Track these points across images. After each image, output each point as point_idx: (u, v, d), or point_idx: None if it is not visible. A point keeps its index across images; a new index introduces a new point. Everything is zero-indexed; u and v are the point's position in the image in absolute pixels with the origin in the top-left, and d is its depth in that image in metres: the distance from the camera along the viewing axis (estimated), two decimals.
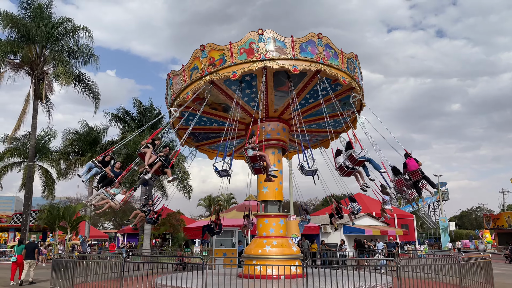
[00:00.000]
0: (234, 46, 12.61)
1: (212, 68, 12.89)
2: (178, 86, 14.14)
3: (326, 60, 12.65)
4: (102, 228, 72.23)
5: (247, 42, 12.53)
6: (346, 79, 13.09)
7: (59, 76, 24.06)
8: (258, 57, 12.34)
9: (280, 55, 12.35)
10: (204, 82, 13.13)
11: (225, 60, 12.71)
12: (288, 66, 12.27)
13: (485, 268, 11.70)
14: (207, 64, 13.02)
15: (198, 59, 13.32)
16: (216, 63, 12.87)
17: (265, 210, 15.09)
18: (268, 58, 12.29)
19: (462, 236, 59.25)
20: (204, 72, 13.09)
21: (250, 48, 12.46)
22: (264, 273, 11.44)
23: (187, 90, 13.69)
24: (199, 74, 13.24)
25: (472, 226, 72.50)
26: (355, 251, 21.04)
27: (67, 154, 32.97)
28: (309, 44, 12.56)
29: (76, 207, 29.00)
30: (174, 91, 14.47)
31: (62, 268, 12.28)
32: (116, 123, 31.69)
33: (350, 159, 12.07)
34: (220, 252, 20.04)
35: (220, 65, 12.78)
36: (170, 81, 14.79)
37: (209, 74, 12.99)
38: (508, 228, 37.85)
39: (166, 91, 15.46)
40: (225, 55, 12.72)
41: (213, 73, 12.89)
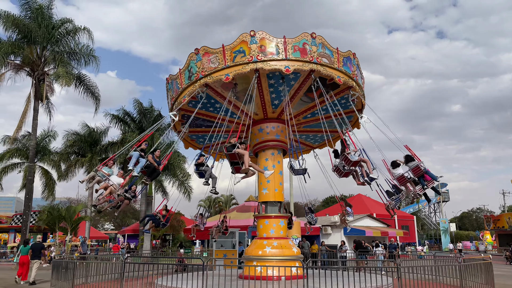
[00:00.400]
0: (227, 49, 12.67)
1: (205, 71, 12.98)
2: (176, 90, 14.26)
3: (320, 59, 12.58)
4: (103, 229, 72.21)
5: (240, 44, 12.54)
6: (342, 78, 13.00)
7: (60, 77, 24.05)
8: (250, 59, 12.35)
9: (272, 56, 12.34)
10: (199, 85, 13.18)
11: (218, 62, 12.80)
12: (280, 67, 12.23)
13: (485, 269, 11.68)
14: (201, 68, 13.12)
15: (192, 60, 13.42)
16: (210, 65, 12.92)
17: (265, 211, 15.06)
18: (260, 59, 12.27)
19: (463, 237, 59.18)
20: (198, 76, 13.19)
21: (243, 51, 12.47)
22: (264, 274, 11.43)
23: (184, 93, 13.80)
24: (194, 77, 13.35)
25: (473, 227, 72.43)
26: (355, 252, 21.02)
27: (67, 155, 32.96)
28: (301, 44, 12.50)
29: (77, 207, 28.98)
30: (172, 95, 14.61)
31: (62, 269, 12.27)
32: (117, 124, 31.72)
33: (345, 161, 12.05)
34: (221, 253, 20.03)
35: (214, 68, 12.84)
36: (169, 85, 14.95)
37: (203, 77, 13.07)
38: (509, 229, 37.82)
39: (166, 95, 15.51)
40: (219, 58, 12.79)
41: (207, 76, 12.98)
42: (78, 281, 11.74)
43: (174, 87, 14.41)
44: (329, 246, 23.81)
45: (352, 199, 46.64)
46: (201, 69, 13.11)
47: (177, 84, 14.15)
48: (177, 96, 14.19)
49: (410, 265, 11.24)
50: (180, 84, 13.96)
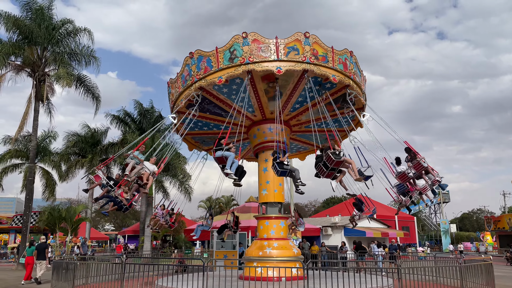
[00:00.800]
0: (220, 51, 12.69)
1: (201, 75, 13.03)
2: (175, 93, 14.41)
3: (313, 59, 12.45)
4: (103, 229, 72.22)
5: (232, 46, 12.55)
6: (337, 77, 12.83)
7: (61, 78, 24.04)
8: (242, 61, 12.34)
9: (264, 57, 12.31)
10: (194, 89, 13.26)
11: (212, 65, 12.83)
12: (272, 68, 12.19)
13: (486, 270, 11.67)
14: (196, 71, 13.18)
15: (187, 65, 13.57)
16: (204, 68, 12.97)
17: (266, 212, 15.07)
18: (252, 61, 12.25)
19: (463, 238, 59.14)
20: (194, 79, 13.26)
21: (234, 52, 12.48)
22: (264, 275, 11.41)
23: (181, 97, 13.94)
24: (189, 81, 13.44)
25: (473, 228, 72.40)
26: (355, 253, 21.03)
27: (68, 156, 33.00)
28: (294, 44, 12.40)
29: (77, 208, 29.00)
30: (172, 99, 14.73)
31: (62, 269, 12.28)
32: (117, 124, 31.78)
33: (328, 160, 11.70)
34: (221, 254, 20.01)
35: (207, 71, 12.90)
36: (169, 89, 15.05)
37: (198, 80, 13.14)
38: (509, 230, 37.80)
39: (168, 99, 15.60)
40: (211, 61, 12.83)
41: (202, 79, 13.04)
42: (78, 281, 11.74)
43: (173, 91, 14.55)
44: (329, 247, 23.82)
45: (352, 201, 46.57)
46: (195, 73, 13.23)
47: (176, 88, 14.30)
48: (175, 99, 14.34)
49: (410, 266, 11.23)
50: (178, 87, 14.11)
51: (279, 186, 15.11)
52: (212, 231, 21.75)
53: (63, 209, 27.69)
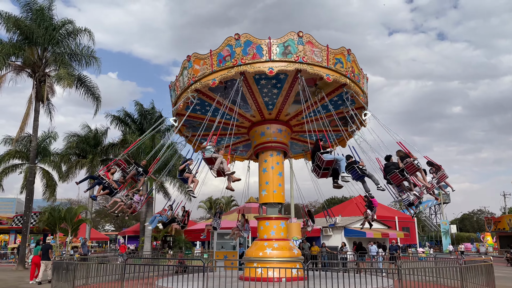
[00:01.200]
0: (214, 54, 12.79)
1: (195, 77, 13.20)
2: (174, 96, 14.58)
3: (306, 58, 12.30)
4: (103, 230, 72.21)
5: (225, 48, 12.58)
6: (332, 76, 12.64)
7: (61, 78, 24.09)
8: (235, 63, 12.35)
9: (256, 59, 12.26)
10: (190, 91, 13.41)
11: (206, 68, 12.92)
12: (264, 68, 12.15)
13: (486, 271, 11.65)
14: (192, 74, 13.33)
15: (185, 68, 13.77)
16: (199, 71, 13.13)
17: (266, 212, 15.06)
18: (244, 63, 12.24)
19: (463, 239, 59.12)
20: (190, 82, 13.43)
21: (228, 54, 12.51)
22: (265, 276, 11.39)
23: (180, 99, 14.05)
24: (186, 83, 13.62)
25: (473, 229, 72.35)
26: (355, 254, 21.03)
27: (68, 156, 33.01)
28: (287, 44, 12.30)
29: (77, 209, 29.00)
30: (172, 101, 14.88)
31: (63, 270, 12.28)
32: (117, 125, 31.78)
33: (318, 160, 11.66)
34: (221, 255, 20.02)
35: (201, 73, 13.05)
36: (170, 91, 15.22)
37: (194, 83, 13.29)
38: (510, 231, 37.78)
39: (170, 101, 15.69)
40: (207, 63, 12.93)
41: (197, 82, 13.18)
42: (78, 282, 11.74)
43: (173, 93, 14.73)
44: (329, 247, 23.80)
45: (352, 201, 46.52)
46: (191, 75, 13.41)
47: (175, 90, 14.49)
48: (175, 102, 14.49)
49: (411, 267, 11.22)
50: (177, 90, 14.27)
51: (278, 187, 15.09)
52: (213, 232, 21.77)
53: (63, 210, 27.67)
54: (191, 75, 13.41)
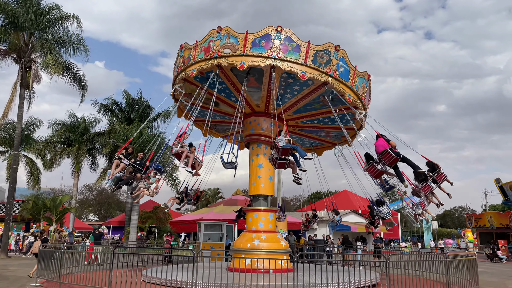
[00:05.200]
0: (198, 45, 12.91)
1: (182, 66, 13.44)
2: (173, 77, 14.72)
3: (280, 54, 12.01)
4: (86, 220, 71.42)
5: (207, 40, 12.63)
6: (308, 74, 12.19)
7: (48, 65, 23.64)
8: (212, 55, 12.38)
9: (231, 52, 12.18)
10: (179, 80, 13.67)
11: (190, 58, 13.10)
12: (236, 63, 12.06)
13: (470, 265, 11.89)
14: (180, 63, 13.60)
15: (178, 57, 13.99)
16: (185, 61, 13.37)
17: (255, 204, 15.10)
18: (219, 55, 12.22)
19: (445, 235, 60.16)
20: (178, 71, 13.76)
21: (208, 46, 12.57)
22: (253, 267, 11.42)
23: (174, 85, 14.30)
24: (176, 72, 14.07)
25: (455, 225, 73.69)
26: (341, 247, 21.27)
27: (53, 144, 32.48)
28: (263, 38, 12.08)
29: (62, 198, 28.59)
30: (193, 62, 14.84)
31: (48, 259, 12.13)
32: (105, 113, 31.37)
33: (274, 148, 11.34)
34: (208, 246, 20.02)
35: (187, 63, 13.25)
36: None
37: (180, 72, 13.56)
38: (490, 228, 38.55)
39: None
40: (191, 54, 13.09)
41: (182, 71, 13.42)
42: (65, 271, 11.61)
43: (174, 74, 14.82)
44: (315, 240, 24.03)
45: (338, 195, 46.92)
46: (180, 64, 13.72)
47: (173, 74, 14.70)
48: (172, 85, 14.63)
49: (399, 260, 11.38)
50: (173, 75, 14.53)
51: (268, 180, 15.11)
52: (200, 223, 21.77)
53: (47, 199, 27.25)
54: (180, 64, 13.68)
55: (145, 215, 33.43)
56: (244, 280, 9.45)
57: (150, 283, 10.64)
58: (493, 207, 61.39)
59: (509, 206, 35.67)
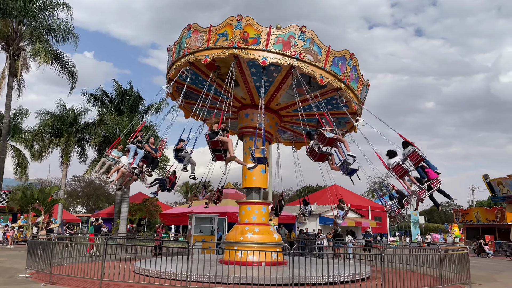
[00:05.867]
0: (213, 30, 12.44)
1: (191, 49, 12.84)
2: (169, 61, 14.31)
3: (303, 55, 12.01)
4: (74, 212, 70.80)
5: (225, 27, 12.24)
6: (326, 79, 12.23)
7: (37, 54, 23.19)
8: (231, 44, 12.06)
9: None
10: (184, 62, 13.13)
11: (203, 42, 12.60)
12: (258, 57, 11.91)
13: (462, 259, 11.99)
14: (188, 44, 12.97)
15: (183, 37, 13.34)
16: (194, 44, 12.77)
17: (248, 197, 15.05)
18: (239, 46, 11.94)
19: (431, 230, 60.91)
20: (184, 52, 13.11)
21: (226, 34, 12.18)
22: (245, 260, 11.38)
23: (173, 67, 13.82)
24: (181, 53, 13.31)
25: (441, 220, 74.57)
26: (333, 240, 21.39)
27: (41, 135, 31.98)
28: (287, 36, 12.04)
29: (51, 189, 28.21)
30: (168, 66, 14.61)
31: (38, 250, 11.93)
32: (95, 104, 30.95)
33: (319, 138, 10.89)
34: (199, 238, 19.92)
35: (198, 47, 12.70)
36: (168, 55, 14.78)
37: (188, 54, 12.95)
38: (477, 223, 39.03)
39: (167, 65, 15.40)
40: (204, 38, 12.57)
41: (191, 54, 12.85)
42: (55, 262, 11.44)
43: (169, 59, 14.43)
44: (307, 234, 24.12)
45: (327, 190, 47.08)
46: (188, 46, 13.00)
47: (170, 57, 14.18)
48: (168, 69, 14.26)
49: (393, 253, 11.45)
50: (172, 56, 13.97)
51: (261, 172, 15.05)
52: (191, 215, 21.66)
53: (36, 189, 26.86)
54: (187, 46, 13.02)
55: (135, 207, 33.23)
56: (239, 272, 9.40)
57: (144, 275, 10.53)
58: (479, 203, 62.30)
59: (496, 202, 36.12)
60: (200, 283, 9.57)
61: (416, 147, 11.49)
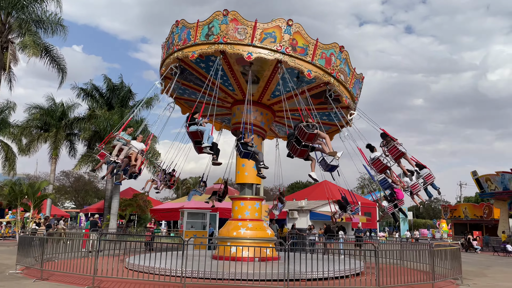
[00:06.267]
0: (200, 25, 12.34)
1: (180, 46, 12.79)
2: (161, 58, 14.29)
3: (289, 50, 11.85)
4: (63, 207, 70.10)
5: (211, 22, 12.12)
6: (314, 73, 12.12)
7: (27, 47, 22.76)
8: (217, 39, 11.94)
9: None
10: (173, 59, 13.09)
11: (190, 38, 12.52)
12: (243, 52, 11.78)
13: (454, 255, 12.11)
14: (177, 41, 12.95)
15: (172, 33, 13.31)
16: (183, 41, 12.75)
17: (241, 193, 15.02)
18: (225, 41, 11.80)
19: (420, 225, 61.52)
20: (174, 49, 13.07)
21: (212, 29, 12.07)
22: (239, 255, 11.38)
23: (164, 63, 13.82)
24: (171, 50, 13.28)
25: (429, 216, 75.38)
26: (324, 236, 21.50)
27: (29, 129, 31.48)
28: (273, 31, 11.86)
29: (41, 184, 27.80)
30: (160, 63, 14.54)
31: (29, 246, 11.77)
32: (84, 98, 30.50)
33: (299, 134, 10.64)
34: (191, 234, 19.86)
35: (185, 43, 12.67)
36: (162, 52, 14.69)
37: (177, 51, 12.91)
38: (464, 219, 39.60)
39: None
40: (191, 34, 12.50)
41: (179, 50, 12.81)
42: (46, 257, 11.29)
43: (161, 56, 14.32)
44: (299, 229, 24.19)
45: (318, 186, 47.24)
46: (176, 42, 12.93)
47: (162, 53, 14.14)
48: (160, 64, 14.20)
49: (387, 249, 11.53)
50: (163, 53, 13.95)
51: (252, 167, 14.95)
52: (183, 211, 21.60)
53: (25, 184, 26.47)
54: (176, 42, 12.97)
55: (125, 202, 32.96)
56: (234, 268, 9.37)
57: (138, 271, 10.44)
58: (466, 199, 63.08)
59: (484, 198, 36.63)
60: (195, 279, 9.52)
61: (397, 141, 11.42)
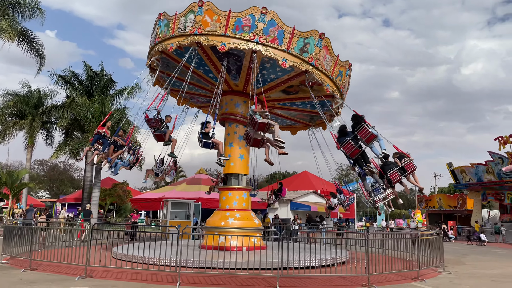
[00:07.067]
0: (177, 17, 12.37)
1: (160, 38, 12.93)
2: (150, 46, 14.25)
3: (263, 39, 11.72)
4: (37, 196, 68.54)
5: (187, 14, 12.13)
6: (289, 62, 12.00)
7: (3, 30, 22.04)
8: (192, 31, 11.93)
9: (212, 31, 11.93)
10: (155, 51, 13.20)
11: (169, 31, 12.61)
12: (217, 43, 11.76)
13: (437, 244, 12.55)
14: (158, 33, 13.06)
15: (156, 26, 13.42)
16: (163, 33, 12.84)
17: (229, 183, 15.07)
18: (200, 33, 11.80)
19: (395, 215, 63.07)
20: (155, 41, 13.20)
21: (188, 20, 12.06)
22: (227, 245, 11.45)
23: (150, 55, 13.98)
24: (153, 42, 13.51)
25: (404, 206, 77.28)
26: (307, 226, 21.84)
27: (4, 116, 30.52)
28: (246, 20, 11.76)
29: (20, 173, 27.13)
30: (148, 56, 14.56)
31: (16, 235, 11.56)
32: (63, 86, 29.73)
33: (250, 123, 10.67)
34: (175, 224, 19.78)
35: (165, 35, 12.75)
36: None
37: (158, 43, 13.03)
38: (439, 209, 40.82)
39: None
40: (170, 27, 12.58)
41: (160, 43, 12.92)
42: (35, 247, 11.14)
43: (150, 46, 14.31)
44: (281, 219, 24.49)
45: (298, 176, 47.84)
46: (158, 35, 13.05)
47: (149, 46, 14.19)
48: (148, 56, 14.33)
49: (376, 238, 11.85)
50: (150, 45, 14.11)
51: (238, 158, 15.06)
52: (167, 200, 21.46)
53: (3, 173, 25.77)
54: (158, 34, 13.10)
55: (105, 192, 32.50)
56: (229, 257, 9.45)
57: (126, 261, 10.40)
58: (440, 190, 64.92)
59: (458, 189, 37.80)
60: (190, 268, 9.57)
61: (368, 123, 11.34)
